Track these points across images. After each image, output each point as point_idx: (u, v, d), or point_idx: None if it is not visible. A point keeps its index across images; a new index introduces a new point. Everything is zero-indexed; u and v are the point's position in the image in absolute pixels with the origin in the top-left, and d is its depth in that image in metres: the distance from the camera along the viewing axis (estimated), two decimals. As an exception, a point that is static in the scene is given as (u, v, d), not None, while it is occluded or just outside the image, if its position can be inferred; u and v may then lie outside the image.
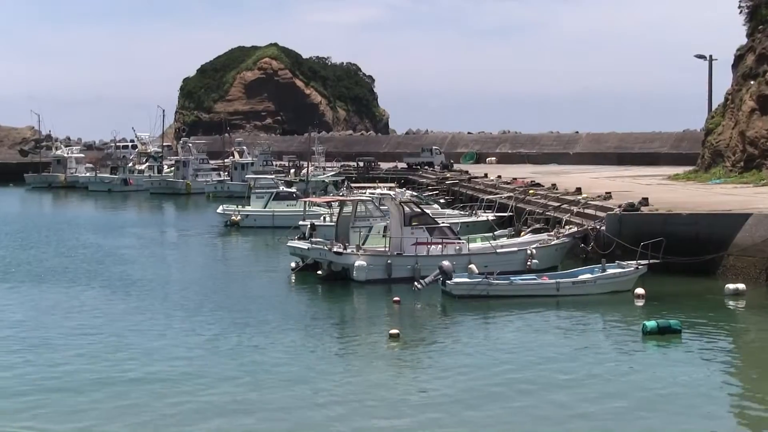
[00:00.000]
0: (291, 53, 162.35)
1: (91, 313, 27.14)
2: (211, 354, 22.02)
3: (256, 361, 21.28)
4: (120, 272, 35.61)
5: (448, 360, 21.66)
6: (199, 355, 21.94)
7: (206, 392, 18.80)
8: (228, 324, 25.43)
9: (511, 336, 24.17)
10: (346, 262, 32.36)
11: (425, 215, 34.31)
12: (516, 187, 52.30)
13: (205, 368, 20.61)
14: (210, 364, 20.97)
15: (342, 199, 37.99)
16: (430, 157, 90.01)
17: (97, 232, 51.63)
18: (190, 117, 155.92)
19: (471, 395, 18.65)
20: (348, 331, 25.62)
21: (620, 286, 29.74)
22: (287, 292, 32.39)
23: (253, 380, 19.72)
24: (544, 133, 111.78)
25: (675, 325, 23.92)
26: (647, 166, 77.72)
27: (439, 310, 28.65)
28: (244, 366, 20.85)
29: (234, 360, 21.40)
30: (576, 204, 40.85)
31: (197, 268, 37.94)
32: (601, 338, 24.15)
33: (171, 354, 21.93)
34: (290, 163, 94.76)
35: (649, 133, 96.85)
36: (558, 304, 28.40)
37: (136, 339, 23.53)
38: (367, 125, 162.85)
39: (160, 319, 26.15)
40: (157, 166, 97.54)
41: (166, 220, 65.35)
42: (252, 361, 21.28)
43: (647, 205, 36.14)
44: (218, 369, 20.58)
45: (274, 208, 54.27)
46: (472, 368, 20.71)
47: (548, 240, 34.75)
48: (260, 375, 20.14)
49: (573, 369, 20.64)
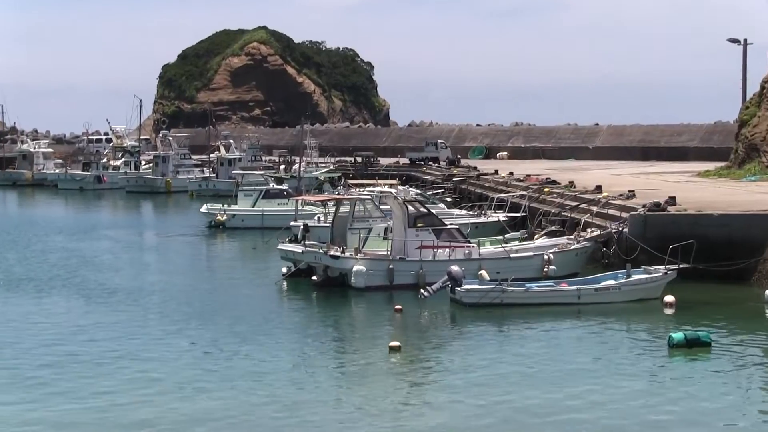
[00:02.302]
0: (282, 37, 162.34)
1: (60, 328, 26.87)
2: (195, 370, 22.01)
3: (243, 377, 21.28)
4: (93, 280, 35.57)
5: (455, 376, 21.67)
6: (182, 372, 21.92)
7: (193, 410, 18.82)
8: (213, 337, 25.42)
9: (527, 349, 24.19)
10: (343, 266, 32.40)
11: (431, 216, 34.34)
12: (529, 185, 52.31)
13: (188, 386, 20.61)
14: (194, 382, 20.97)
15: (339, 198, 38.01)
16: (435, 151, 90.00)
17: (67, 235, 51.63)
18: (171, 107, 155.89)
19: (481, 417, 18.61)
20: (345, 343, 25.65)
21: (647, 293, 29.81)
22: (278, 300, 32.42)
23: (240, 398, 19.73)
24: (560, 125, 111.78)
25: (704, 337, 23.94)
26: (674, 162, 77.76)
27: (447, 319, 28.69)
28: (230, 383, 20.84)
29: (220, 377, 21.40)
30: (596, 204, 40.87)
31: (179, 274, 37.96)
32: (624, 351, 24.14)
33: (152, 372, 21.87)
34: (281, 158, 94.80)
35: (677, 126, 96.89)
36: (579, 313, 28.45)
37: (109, 357, 23.38)
38: (365, 117, 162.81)
39: (137, 334, 26.05)
40: (134, 161, 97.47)
41: (144, 222, 65.39)
42: (239, 376, 21.29)
43: (674, 204, 36.16)
44: (203, 386, 20.59)
45: (264, 208, 54.33)
46: (483, 386, 20.71)
47: (567, 244, 34.72)
48: (248, 391, 20.16)
49: (593, 385, 20.63)
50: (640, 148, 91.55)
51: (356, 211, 35.59)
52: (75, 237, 50.72)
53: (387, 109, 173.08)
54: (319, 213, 45.98)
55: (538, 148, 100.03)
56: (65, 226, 56.67)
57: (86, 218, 65.07)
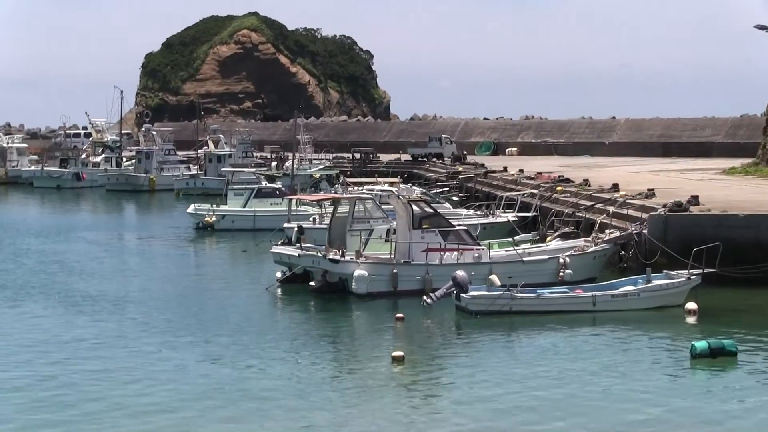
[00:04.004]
0: (274, 24, 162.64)
1: (35, 342, 26.74)
2: (184, 383, 22.11)
3: (237, 390, 21.38)
4: (70, 288, 35.53)
5: (460, 391, 21.76)
6: (169, 384, 22.02)
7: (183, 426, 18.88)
8: (203, 349, 25.50)
9: (538, 361, 24.26)
10: (343, 271, 32.46)
11: (438, 216, 34.38)
12: (541, 183, 52.42)
13: (178, 398, 20.71)
14: (183, 394, 21.07)
15: (337, 197, 38.04)
16: (439, 147, 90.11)
17: (43, 238, 51.69)
18: (154, 100, 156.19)
19: None
20: (345, 354, 25.72)
21: (669, 300, 29.87)
22: (272, 308, 32.47)
23: (235, 412, 19.82)
24: (574, 118, 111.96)
25: (729, 346, 24.02)
26: (697, 158, 77.84)
27: (452, 328, 28.76)
28: (224, 396, 20.95)
29: (212, 390, 21.49)
30: (612, 203, 40.96)
31: (163, 281, 37.96)
32: (643, 363, 24.20)
33: (139, 387, 21.94)
34: (273, 154, 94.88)
35: (700, 119, 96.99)
36: (594, 322, 28.53)
37: (90, 371, 23.43)
38: (364, 110, 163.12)
39: (119, 346, 26.07)
40: (115, 158, 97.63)
41: (125, 223, 65.43)
42: (233, 390, 21.38)
43: (697, 204, 36.24)
44: (194, 399, 20.69)
45: (255, 208, 54.41)
46: (490, 401, 20.80)
47: (584, 246, 34.75)
48: (243, 405, 20.25)
49: (608, 401, 20.73)
50: (661, 143, 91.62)
51: (356, 211, 35.64)
52: (51, 240, 50.75)
53: (387, 101, 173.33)
54: (314, 214, 46.09)
55: (550, 144, 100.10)
56: (41, 228, 56.69)
57: (64, 219, 65.08)
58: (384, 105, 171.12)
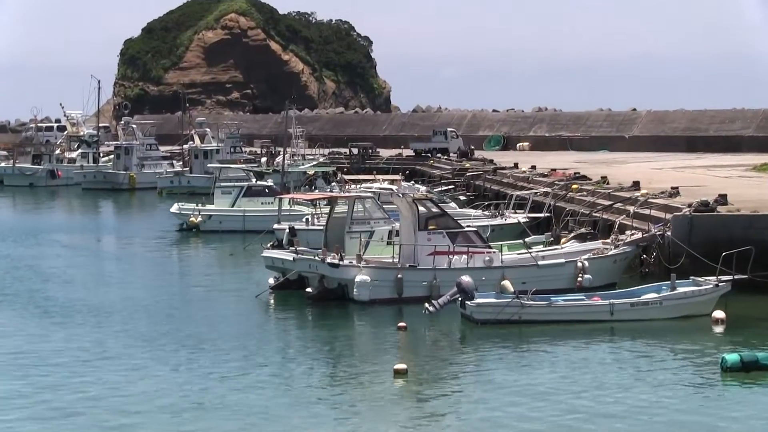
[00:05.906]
0: (264, 8, 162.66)
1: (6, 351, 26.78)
2: (168, 399, 22.13)
3: (227, 405, 21.40)
4: (45, 296, 35.58)
5: (466, 406, 21.78)
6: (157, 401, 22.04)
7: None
8: (187, 364, 25.47)
9: (549, 375, 24.28)
10: (343, 276, 32.47)
11: (446, 217, 34.36)
12: (555, 181, 52.45)
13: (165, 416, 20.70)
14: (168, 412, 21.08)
15: (334, 196, 38.06)
16: (444, 142, 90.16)
17: (14, 240, 51.71)
18: (134, 90, 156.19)
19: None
20: (344, 366, 25.71)
21: (695, 309, 29.83)
22: (264, 317, 32.52)
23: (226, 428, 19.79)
24: (591, 111, 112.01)
25: (763, 358, 24.04)
26: (725, 154, 77.85)
27: (457, 339, 28.80)
28: (212, 414, 20.99)
29: (195, 407, 21.52)
30: (633, 203, 40.98)
31: (145, 288, 37.98)
32: (668, 377, 24.18)
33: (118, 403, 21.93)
34: (263, 149, 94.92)
35: (729, 111, 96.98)
36: (612, 332, 28.53)
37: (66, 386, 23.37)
38: (362, 101, 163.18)
39: (97, 360, 26.03)
40: (92, 153, 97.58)
41: (104, 224, 65.45)
42: (221, 408, 21.40)
43: (725, 204, 36.25)
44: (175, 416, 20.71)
45: (245, 207, 54.43)
46: (497, 418, 20.78)
47: (604, 249, 34.74)
48: (234, 421, 20.28)
49: (630, 417, 20.71)
50: (685, 137, 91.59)
51: (355, 211, 35.63)
52: (23, 243, 50.77)
53: (388, 92, 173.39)
54: (307, 214, 46.06)
55: (565, 138, 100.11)
56: (12, 229, 56.64)
57: (37, 220, 65.23)
58: (384, 96, 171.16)
